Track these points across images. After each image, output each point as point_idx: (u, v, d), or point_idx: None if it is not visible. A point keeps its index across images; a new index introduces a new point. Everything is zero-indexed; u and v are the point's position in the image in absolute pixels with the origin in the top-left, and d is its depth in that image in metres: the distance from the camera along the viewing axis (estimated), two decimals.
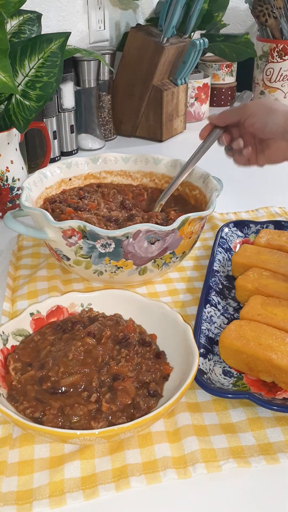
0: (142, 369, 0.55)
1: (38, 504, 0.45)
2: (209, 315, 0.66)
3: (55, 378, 0.52)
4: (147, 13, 1.50)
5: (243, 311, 0.63)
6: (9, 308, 0.70)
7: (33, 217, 0.70)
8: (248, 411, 0.53)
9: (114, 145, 1.33)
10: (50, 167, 0.82)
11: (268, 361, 0.55)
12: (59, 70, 0.86)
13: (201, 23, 1.38)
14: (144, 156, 0.87)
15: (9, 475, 0.48)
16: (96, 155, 0.87)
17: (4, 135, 0.89)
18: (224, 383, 0.57)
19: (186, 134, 1.41)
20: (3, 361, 0.56)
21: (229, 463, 0.48)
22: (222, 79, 1.58)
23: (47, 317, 0.62)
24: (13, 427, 0.52)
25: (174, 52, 1.26)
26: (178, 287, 0.74)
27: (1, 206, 0.94)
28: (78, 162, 0.85)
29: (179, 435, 0.51)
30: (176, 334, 0.58)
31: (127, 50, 1.27)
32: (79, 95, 1.24)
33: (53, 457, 0.49)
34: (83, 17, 1.34)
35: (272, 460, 0.48)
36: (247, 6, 1.58)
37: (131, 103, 1.32)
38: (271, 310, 0.63)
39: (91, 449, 0.49)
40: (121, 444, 0.50)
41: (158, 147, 1.31)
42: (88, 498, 0.46)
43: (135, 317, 0.62)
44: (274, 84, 1.55)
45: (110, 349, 0.56)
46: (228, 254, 0.80)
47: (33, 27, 0.96)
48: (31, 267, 0.80)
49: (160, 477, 0.47)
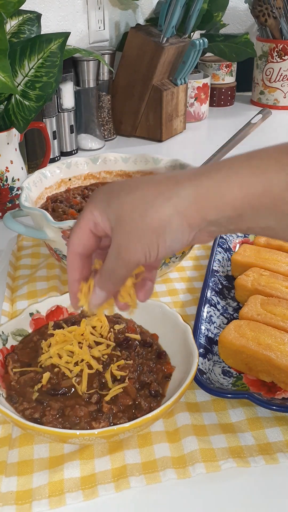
0: (143, 369, 0.55)
1: (38, 504, 0.45)
2: (208, 315, 0.66)
3: (55, 380, 0.52)
4: (147, 13, 1.50)
5: (243, 311, 0.63)
6: (9, 308, 0.70)
7: (33, 217, 0.70)
8: (247, 411, 0.53)
9: (114, 145, 1.33)
10: (49, 167, 0.82)
11: (268, 361, 0.55)
12: (58, 70, 0.86)
13: (200, 23, 1.37)
14: (144, 156, 0.87)
15: (8, 475, 0.48)
16: (96, 155, 0.87)
17: (3, 135, 0.89)
18: (224, 383, 0.57)
19: (186, 134, 1.41)
20: (3, 361, 0.56)
21: (228, 463, 0.48)
22: (222, 79, 1.58)
23: (46, 317, 0.62)
24: (13, 427, 0.52)
25: (174, 52, 1.26)
26: (178, 287, 0.75)
27: (0, 206, 0.94)
28: (78, 162, 0.85)
29: (179, 435, 0.51)
30: (175, 334, 0.58)
31: (126, 50, 1.27)
32: (78, 95, 1.24)
33: (53, 457, 0.49)
34: (82, 17, 1.34)
35: (271, 460, 0.48)
36: (247, 6, 1.58)
37: (131, 103, 1.32)
38: (271, 310, 0.63)
39: (90, 449, 0.49)
40: (120, 444, 0.50)
41: (158, 147, 1.31)
42: (88, 498, 0.46)
43: (135, 317, 0.62)
44: (273, 84, 1.55)
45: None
46: (228, 254, 0.80)
47: (33, 27, 0.96)
48: (31, 267, 0.80)
49: (160, 477, 0.47)
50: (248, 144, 0.84)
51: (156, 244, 0.39)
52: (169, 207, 0.38)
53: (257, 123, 0.78)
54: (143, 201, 0.39)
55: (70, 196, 0.80)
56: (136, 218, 0.39)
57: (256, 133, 0.84)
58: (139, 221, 0.39)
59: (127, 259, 0.41)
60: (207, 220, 0.39)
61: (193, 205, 0.38)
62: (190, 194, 0.38)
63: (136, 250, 0.40)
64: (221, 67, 1.56)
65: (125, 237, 0.40)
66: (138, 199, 0.39)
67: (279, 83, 1.54)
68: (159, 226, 0.39)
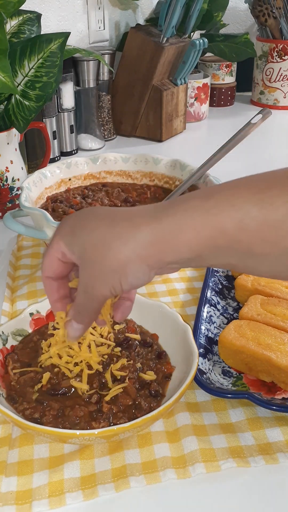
0: (143, 369, 0.55)
1: (38, 504, 0.45)
2: (208, 315, 0.66)
3: (55, 380, 0.52)
4: (147, 13, 1.50)
5: (243, 311, 0.63)
6: (9, 308, 0.70)
7: (33, 217, 0.70)
8: (247, 411, 0.53)
9: (114, 145, 1.33)
10: (49, 167, 0.82)
11: (268, 361, 0.55)
12: (58, 70, 0.86)
13: (200, 23, 1.37)
14: (144, 156, 0.87)
15: (8, 475, 0.48)
16: (96, 155, 0.87)
17: (3, 135, 0.89)
18: (224, 383, 0.57)
19: (186, 134, 1.41)
20: (3, 361, 0.56)
21: (228, 463, 0.48)
22: (221, 79, 1.58)
23: (46, 317, 0.62)
24: (13, 427, 0.52)
25: (174, 52, 1.26)
26: (178, 287, 0.75)
27: (0, 206, 0.94)
28: (78, 162, 0.85)
29: (179, 435, 0.51)
30: (175, 334, 0.58)
31: (126, 50, 1.27)
32: (78, 95, 1.24)
33: (53, 457, 0.49)
34: (82, 17, 1.34)
35: (271, 460, 0.48)
36: (247, 6, 1.58)
37: (131, 103, 1.32)
38: (271, 310, 0.63)
39: (90, 449, 0.49)
40: (120, 444, 0.50)
41: (158, 147, 1.31)
42: (88, 498, 0.46)
43: (135, 317, 0.62)
44: (273, 84, 1.55)
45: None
46: None
47: (33, 27, 0.97)
48: (31, 267, 0.80)
49: (160, 477, 0.47)
50: (248, 144, 0.85)
51: (119, 282, 0.41)
52: (127, 251, 0.39)
53: (257, 123, 0.78)
54: (102, 243, 0.40)
55: (70, 196, 0.80)
56: (97, 260, 0.40)
57: (256, 133, 0.84)
58: (100, 263, 0.40)
59: (95, 295, 0.42)
60: (166, 261, 0.40)
61: (150, 248, 0.39)
62: (146, 238, 0.39)
63: (101, 288, 0.41)
64: (221, 67, 1.56)
65: (88, 276, 0.42)
66: (97, 240, 0.41)
67: (279, 83, 1.54)
68: (118, 268, 0.40)
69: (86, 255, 0.41)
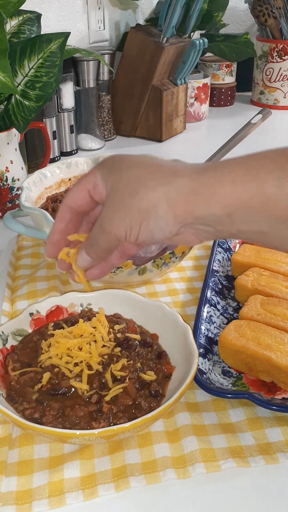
0: (143, 370, 0.55)
1: (38, 504, 0.45)
2: (208, 315, 0.66)
3: (55, 380, 0.52)
4: (147, 13, 1.50)
5: (243, 311, 0.63)
6: (9, 308, 0.70)
7: (33, 217, 0.70)
8: (247, 411, 0.53)
9: (114, 145, 1.33)
10: (49, 167, 0.82)
11: (268, 361, 0.55)
12: (58, 70, 0.86)
13: (200, 23, 1.37)
14: None
15: (8, 475, 0.48)
16: (96, 155, 0.87)
17: (3, 135, 0.89)
18: (224, 383, 0.57)
19: (186, 134, 1.41)
20: (3, 361, 0.56)
21: (228, 463, 0.48)
22: (221, 79, 1.58)
23: (46, 317, 0.62)
24: (13, 427, 0.52)
25: (174, 52, 1.26)
26: (178, 287, 0.75)
27: (0, 206, 0.94)
28: (78, 162, 0.85)
29: (179, 435, 0.51)
30: (175, 334, 0.58)
31: (126, 50, 1.27)
32: (78, 95, 1.24)
33: (53, 457, 0.49)
34: (82, 17, 1.34)
35: (271, 460, 0.48)
36: (247, 6, 1.58)
37: (131, 103, 1.32)
38: (271, 310, 0.63)
39: (90, 449, 0.49)
40: (120, 444, 0.50)
41: (158, 147, 1.31)
42: (88, 498, 0.46)
43: (135, 317, 0.62)
44: (273, 84, 1.55)
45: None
46: (228, 254, 0.80)
47: (33, 27, 0.97)
48: (31, 267, 0.80)
49: (160, 477, 0.47)
50: (248, 144, 0.84)
51: (139, 224, 0.40)
52: (159, 192, 0.39)
53: (257, 123, 0.78)
54: (138, 180, 0.40)
55: None
56: (127, 194, 0.40)
57: (256, 133, 0.84)
58: (129, 198, 0.40)
59: (109, 231, 0.42)
60: (194, 215, 0.39)
61: (182, 197, 0.39)
62: (183, 186, 0.39)
63: (119, 225, 0.41)
64: (221, 67, 1.56)
65: (112, 210, 0.41)
66: (134, 177, 0.40)
67: (279, 83, 1.54)
68: (145, 208, 0.39)
69: (117, 189, 0.41)
